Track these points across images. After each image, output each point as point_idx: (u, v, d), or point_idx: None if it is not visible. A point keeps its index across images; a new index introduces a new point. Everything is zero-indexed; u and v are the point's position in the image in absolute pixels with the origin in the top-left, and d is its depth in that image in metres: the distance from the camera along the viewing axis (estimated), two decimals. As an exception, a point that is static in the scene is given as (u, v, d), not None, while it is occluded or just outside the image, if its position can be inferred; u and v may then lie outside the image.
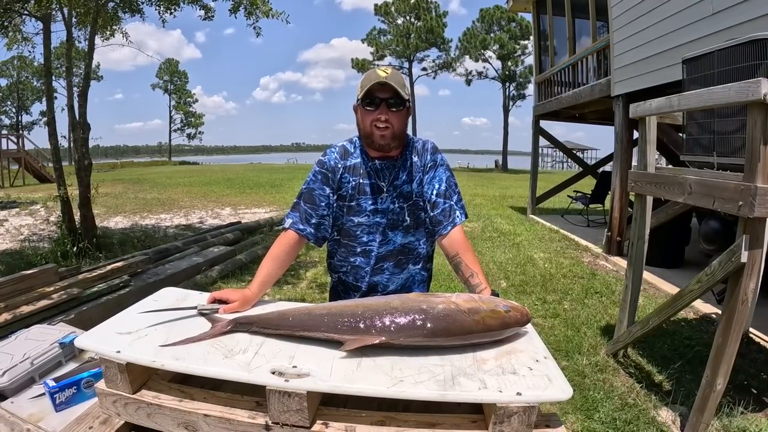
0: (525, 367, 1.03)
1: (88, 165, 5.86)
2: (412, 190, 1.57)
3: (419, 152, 1.60)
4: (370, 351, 1.06)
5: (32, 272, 3.61)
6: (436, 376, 0.97)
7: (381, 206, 1.56)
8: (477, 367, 1.02)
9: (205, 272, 5.03)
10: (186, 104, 49.65)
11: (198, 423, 1.03)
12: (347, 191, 1.56)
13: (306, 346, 1.10)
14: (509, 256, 6.37)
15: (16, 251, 6.20)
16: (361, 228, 1.57)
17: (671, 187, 2.64)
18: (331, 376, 0.96)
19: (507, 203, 12.25)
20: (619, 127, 5.99)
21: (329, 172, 1.56)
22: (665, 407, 2.63)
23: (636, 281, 3.16)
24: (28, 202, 11.42)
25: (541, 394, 0.93)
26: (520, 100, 35.08)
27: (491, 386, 0.94)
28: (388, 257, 1.60)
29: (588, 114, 8.88)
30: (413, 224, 1.59)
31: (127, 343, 1.12)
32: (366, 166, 1.57)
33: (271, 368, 1.00)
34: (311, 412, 0.95)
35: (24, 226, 8.20)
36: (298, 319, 1.16)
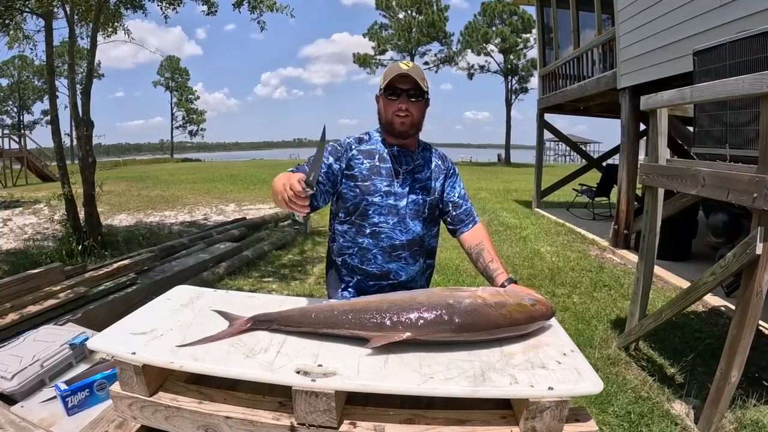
0: (553, 360, 1.01)
1: (92, 163, 5.83)
2: (434, 188, 1.66)
3: (441, 157, 1.73)
4: (396, 347, 1.03)
5: (38, 271, 3.59)
6: (465, 372, 0.95)
7: (396, 189, 1.60)
8: (506, 361, 1.00)
9: (212, 269, 5.01)
10: (187, 101, 49.55)
11: (219, 426, 1.01)
12: (361, 172, 1.60)
13: (329, 343, 1.08)
14: (516, 249, 6.34)
15: (20, 251, 6.18)
16: (373, 207, 1.59)
17: (684, 180, 2.60)
18: (358, 374, 0.94)
19: (511, 197, 12.19)
20: (625, 120, 5.94)
21: (341, 148, 1.61)
22: (679, 400, 2.60)
23: (647, 274, 3.12)
24: (32, 201, 11.39)
25: (573, 388, 0.91)
26: (523, 93, 34.97)
27: (522, 381, 0.92)
28: (406, 246, 1.62)
29: (593, 107, 8.84)
30: (430, 218, 1.67)
31: (143, 343, 1.09)
32: (383, 151, 1.63)
33: (296, 367, 0.97)
34: (339, 412, 0.93)
35: (28, 226, 8.18)
36: (321, 316, 1.14)
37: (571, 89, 8.07)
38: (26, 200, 11.58)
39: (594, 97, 7.43)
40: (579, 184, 9.14)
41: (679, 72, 4.58)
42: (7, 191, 14.22)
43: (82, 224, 5.86)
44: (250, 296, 1.45)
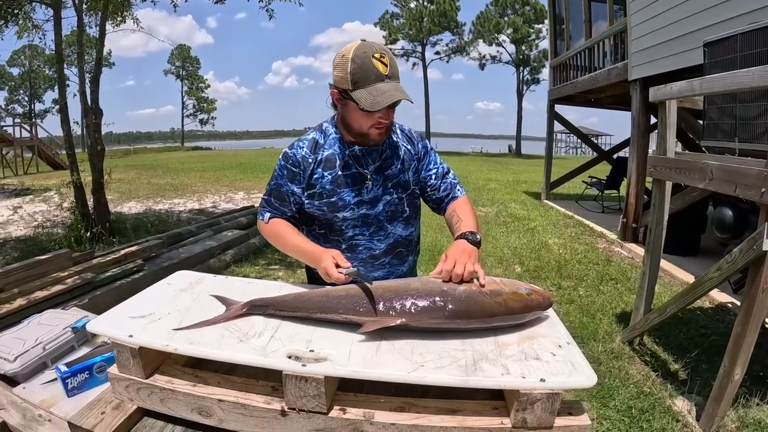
0: (548, 352, 0.99)
1: (101, 150, 5.88)
2: (409, 180, 1.52)
3: (410, 139, 1.56)
4: (389, 334, 1.03)
5: (46, 257, 3.63)
6: (457, 361, 0.95)
7: (367, 196, 1.45)
8: (499, 352, 0.99)
9: (219, 256, 5.04)
10: (198, 90, 49.70)
11: (212, 408, 1.02)
12: (323, 188, 1.43)
13: (323, 329, 1.08)
14: (524, 241, 6.33)
15: (30, 237, 6.26)
16: (345, 223, 1.47)
17: (692, 173, 2.57)
18: (349, 360, 0.93)
19: (521, 188, 12.14)
20: (636, 112, 5.88)
21: (295, 168, 1.43)
22: (681, 396, 2.59)
23: (654, 268, 3.10)
24: (42, 189, 11.53)
25: (566, 380, 0.90)
26: (534, 84, 34.63)
27: (514, 372, 0.91)
28: (388, 251, 1.53)
29: (603, 99, 8.74)
30: (412, 214, 1.56)
31: (141, 327, 1.10)
32: (344, 155, 1.44)
33: (288, 352, 0.98)
34: (329, 398, 0.93)
35: (38, 213, 8.28)
36: (315, 301, 1.14)
37: (582, 80, 7.98)
38: (37, 188, 11.72)
39: (605, 88, 7.35)
40: (588, 177, 9.08)
41: (691, 64, 4.51)
42: (18, 179, 14.38)
43: (90, 211, 5.92)
44: (249, 282, 1.45)
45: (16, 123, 18.48)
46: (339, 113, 1.42)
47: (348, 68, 1.26)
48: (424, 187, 1.57)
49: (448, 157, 26.13)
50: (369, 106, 1.25)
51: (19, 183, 13.04)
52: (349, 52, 1.27)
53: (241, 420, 0.99)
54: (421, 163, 1.56)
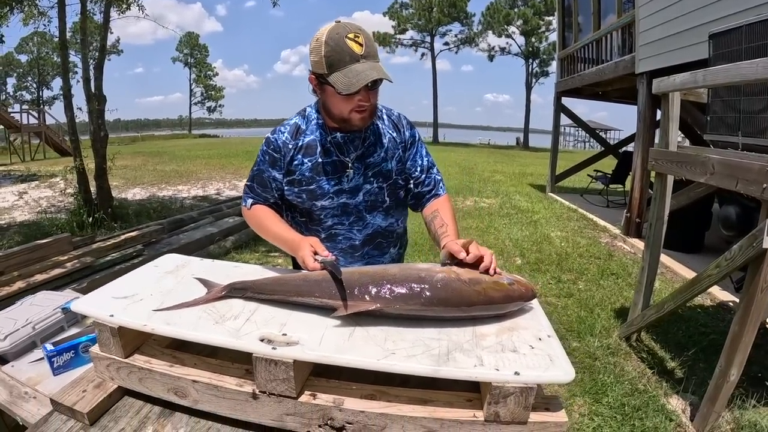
0: (526, 345, 0.97)
1: (104, 136, 5.91)
2: (391, 169, 1.46)
3: (396, 126, 1.49)
4: (365, 321, 1.01)
5: (46, 241, 3.67)
6: (430, 350, 0.92)
7: (347, 185, 1.42)
8: (475, 342, 0.97)
9: (219, 242, 5.06)
10: (206, 77, 49.69)
11: (187, 389, 1.01)
12: (303, 174, 1.41)
13: (300, 313, 1.07)
14: (526, 233, 6.30)
15: (33, 222, 6.32)
16: (324, 212, 1.45)
17: (693, 167, 2.53)
18: (320, 345, 0.92)
19: (526, 181, 12.09)
20: (642, 106, 5.81)
21: (276, 153, 1.41)
22: (676, 395, 2.56)
23: (653, 263, 3.06)
24: (48, 174, 11.60)
25: (541, 374, 0.87)
26: (543, 77, 34.23)
27: (488, 364, 0.89)
28: (367, 242, 1.50)
29: (611, 92, 8.65)
30: (393, 204, 1.51)
31: (122, 307, 1.10)
32: (325, 142, 1.41)
33: (261, 335, 0.97)
34: (298, 382, 0.92)
35: (43, 198, 8.35)
36: (292, 285, 1.13)
37: (589, 73, 7.90)
38: (43, 174, 11.80)
39: (612, 81, 7.26)
40: (594, 170, 8.99)
41: (698, 58, 4.44)
42: (24, 165, 14.49)
43: (93, 197, 5.95)
44: (234, 266, 1.44)
45: (23, 109, 18.55)
46: (319, 99, 1.39)
47: (322, 51, 1.22)
48: (407, 179, 1.51)
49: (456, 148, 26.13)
50: (344, 88, 1.21)
51: (25, 169, 13.15)
52: (322, 35, 1.23)
53: (215, 401, 0.99)
54: (407, 153, 1.50)
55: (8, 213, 7.11)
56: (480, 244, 1.22)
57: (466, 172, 13.09)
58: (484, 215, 7.28)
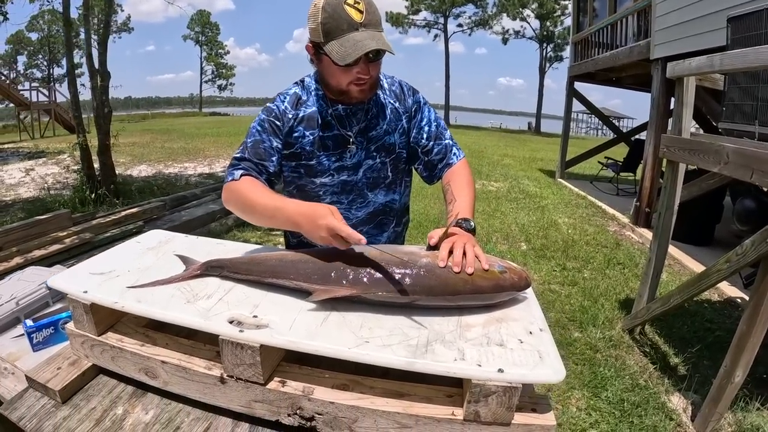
0: (515, 338, 0.89)
1: (107, 113, 5.87)
2: (395, 142, 1.36)
3: (398, 95, 1.39)
4: (342, 306, 0.95)
5: (46, 217, 3.66)
6: (408, 340, 0.85)
7: (349, 161, 1.32)
8: (459, 333, 0.89)
9: (221, 220, 5.02)
10: (217, 56, 49.49)
11: (157, 369, 0.97)
12: (303, 148, 1.31)
13: (275, 295, 1.00)
14: (533, 218, 6.21)
15: (38, 199, 6.32)
16: (324, 189, 1.35)
17: (706, 155, 2.42)
18: (290, 329, 0.86)
19: (536, 165, 11.93)
20: (656, 93, 5.66)
21: (278, 121, 1.29)
22: (678, 393, 2.48)
23: (661, 255, 2.97)
24: (56, 151, 11.60)
25: (527, 373, 0.78)
26: (557, 62, 33.64)
27: (470, 358, 0.81)
28: (367, 220, 1.41)
29: (625, 78, 8.47)
30: (395, 179, 1.41)
31: (97, 283, 1.06)
32: (326, 115, 1.30)
33: (230, 317, 0.91)
34: (266, 368, 0.86)
35: (49, 175, 8.35)
36: (268, 265, 1.06)
37: (603, 57, 7.72)
38: (51, 151, 11.80)
39: (626, 67, 7.10)
40: (605, 157, 8.83)
41: (716, 45, 4.27)
42: (33, 143, 14.52)
43: (96, 173, 5.93)
44: (218, 242, 1.38)
45: (32, 87, 18.58)
46: (317, 70, 1.29)
47: (319, 18, 1.13)
48: (414, 151, 1.41)
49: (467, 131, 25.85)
50: (340, 59, 1.12)
51: (34, 146, 13.19)
52: (320, 1, 1.13)
53: (184, 384, 0.94)
54: (413, 122, 1.39)
55: (14, 190, 7.12)
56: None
57: (475, 155, 12.91)
58: (492, 199, 7.18)
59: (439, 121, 1.43)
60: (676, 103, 2.79)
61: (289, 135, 1.30)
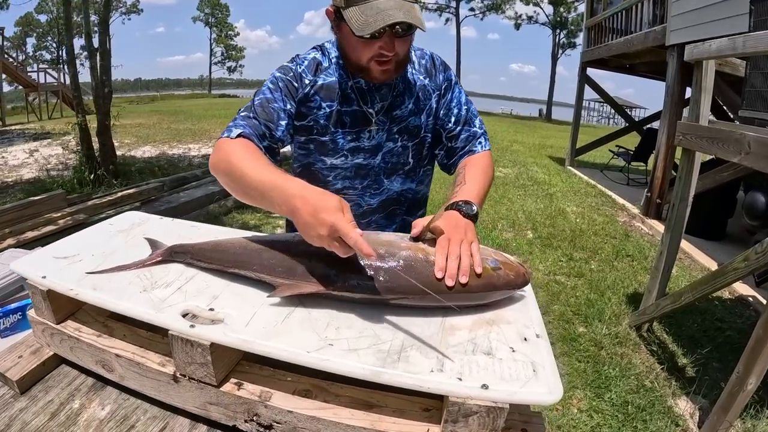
0: (506, 346, 0.75)
1: (107, 93, 5.81)
2: (420, 125, 1.21)
3: (428, 71, 1.22)
4: (311, 301, 0.83)
5: (40, 198, 3.60)
6: (380, 343, 0.73)
7: (367, 143, 1.17)
8: (441, 338, 0.76)
9: (220, 201, 4.94)
10: (227, 37, 49.25)
11: (112, 363, 0.89)
12: (316, 121, 1.15)
13: (238, 285, 0.90)
14: (540, 206, 6.08)
15: (39, 180, 6.27)
16: (334, 173, 1.20)
17: (726, 145, 2.28)
18: (246, 326, 0.75)
19: (546, 152, 11.73)
20: (670, 80, 5.46)
21: (296, 83, 1.13)
22: (685, 396, 2.36)
23: (673, 248, 2.83)
24: (62, 133, 11.53)
25: (517, 390, 0.66)
26: (570, 48, 32.94)
27: (450, 369, 0.68)
28: (378, 209, 1.26)
29: (639, 65, 8.26)
30: (415, 166, 1.25)
31: (58, 268, 0.98)
32: (346, 87, 1.14)
33: (185, 309, 0.81)
34: (219, 368, 0.75)
35: (53, 156, 8.31)
36: (231, 253, 0.95)
37: (616, 43, 7.51)
38: (56, 132, 11.73)
39: (640, 54, 6.88)
40: (616, 146, 8.63)
41: (737, 32, 4.07)
42: (40, 124, 14.49)
43: (96, 154, 5.88)
44: (192, 225, 1.28)
45: (40, 68, 18.58)
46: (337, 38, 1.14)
47: None
48: (438, 134, 1.25)
49: (476, 119, 25.38)
50: (358, 28, 0.96)
51: (40, 128, 13.15)
52: None
53: (139, 380, 0.86)
54: (441, 101, 1.22)
55: (16, 171, 7.07)
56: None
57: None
58: (499, 185, 7.07)
59: (470, 105, 1.26)
60: (694, 88, 2.64)
61: (303, 103, 1.14)
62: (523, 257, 4.27)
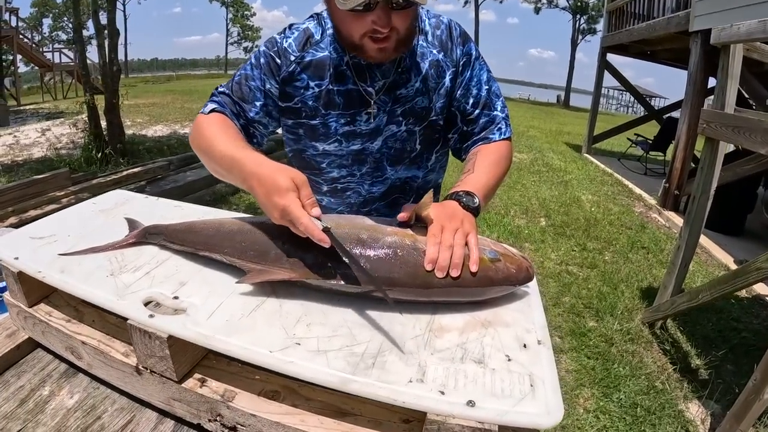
0: (501, 354, 0.65)
1: (116, 71, 5.78)
2: (428, 106, 1.04)
3: (443, 43, 1.04)
4: (284, 290, 0.75)
5: (43, 177, 3.59)
6: (354, 345, 0.64)
7: (364, 127, 1.03)
8: (426, 340, 0.67)
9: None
10: (243, 17, 49.00)
11: (79, 350, 0.84)
12: (304, 102, 1.02)
13: (211, 271, 0.83)
14: (555, 193, 5.97)
15: (48, 159, 6.27)
16: (328, 159, 1.07)
17: (753, 135, 2.15)
18: (209, 318, 0.67)
19: (562, 139, 11.53)
20: (693, 68, 5.29)
21: (279, 59, 1.01)
22: (697, 401, 2.25)
23: (691, 243, 2.70)
24: (75, 112, 11.56)
25: (509, 410, 0.56)
26: (590, 34, 32.32)
27: (432, 379, 0.59)
28: (380, 198, 1.13)
29: (660, 52, 8.04)
30: (423, 152, 1.10)
31: (32, 249, 0.94)
32: (340, 63, 1.00)
33: (148, 296, 0.74)
34: (181, 363, 0.68)
35: (64, 135, 8.31)
36: (203, 235, 0.87)
37: (638, 28, 7.28)
38: (70, 111, 11.75)
39: (662, 40, 6.69)
40: (634, 134, 8.42)
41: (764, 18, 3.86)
42: (54, 103, 14.55)
43: (103, 132, 5.87)
44: (176, 205, 1.20)
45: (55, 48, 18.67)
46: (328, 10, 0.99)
47: None
48: (454, 117, 1.08)
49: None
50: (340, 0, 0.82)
51: (54, 107, 13.21)
52: None
53: (104, 369, 0.81)
54: (458, 80, 1.05)
55: (27, 150, 7.08)
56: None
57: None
58: (514, 170, 6.97)
59: (492, 84, 1.09)
60: (720, 74, 2.50)
61: (288, 83, 1.01)
62: (535, 245, 4.16)
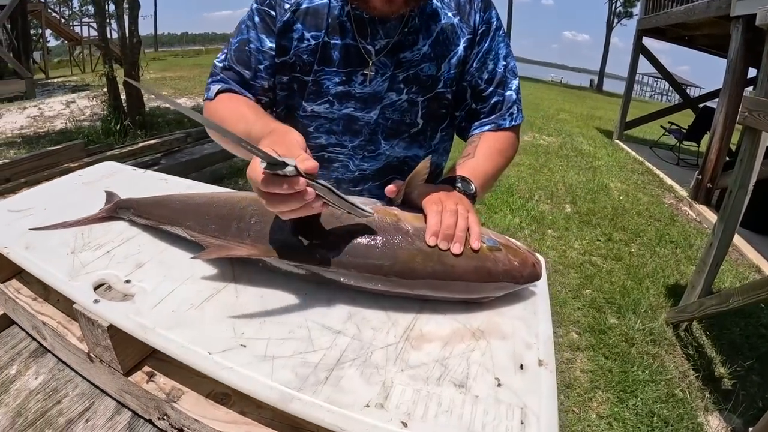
0: (490, 375, 0.53)
1: (136, 43, 5.75)
2: (436, 75, 0.91)
3: (460, 6, 0.91)
4: (246, 276, 0.67)
5: (57, 148, 3.60)
6: (310, 352, 0.54)
7: (360, 89, 0.90)
8: (399, 350, 0.55)
9: (245, 154, 4.87)
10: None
11: (42, 330, 0.80)
12: (299, 56, 0.90)
13: (176, 251, 0.75)
14: (582, 179, 5.77)
15: (69, 130, 6.29)
16: (316, 122, 0.94)
17: (799, 125, 1.96)
18: (155, 308, 0.59)
19: (593, 124, 11.15)
20: (733, 55, 4.97)
21: (272, 10, 0.89)
22: (718, 413, 2.09)
23: (725, 241, 2.51)
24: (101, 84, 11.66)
25: None
26: (626, 18, 31.14)
27: (394, 405, 0.48)
28: (373, 176, 1.00)
29: (698, 37, 7.64)
30: (426, 128, 0.97)
31: (6, 223, 0.91)
32: (340, 14, 0.88)
33: (100, 278, 0.67)
34: (127, 355, 0.61)
35: (87, 107, 8.35)
36: (170, 208, 0.80)
37: (676, 11, 6.92)
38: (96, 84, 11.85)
39: (701, 24, 6.34)
40: (668, 122, 8.07)
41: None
42: (81, 76, 14.73)
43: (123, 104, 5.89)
44: (161, 177, 1.14)
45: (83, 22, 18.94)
46: None
47: None
48: (463, 91, 0.96)
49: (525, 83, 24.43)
50: None
51: (80, 80, 13.35)
52: None
53: (64, 352, 0.76)
54: (475, 49, 0.92)
55: (51, 122, 7.12)
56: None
57: (530, 107, 12.12)
58: (541, 153, 6.76)
59: (510, 62, 0.97)
60: (765, 59, 2.33)
61: (283, 35, 0.89)
62: (558, 233, 4.01)
